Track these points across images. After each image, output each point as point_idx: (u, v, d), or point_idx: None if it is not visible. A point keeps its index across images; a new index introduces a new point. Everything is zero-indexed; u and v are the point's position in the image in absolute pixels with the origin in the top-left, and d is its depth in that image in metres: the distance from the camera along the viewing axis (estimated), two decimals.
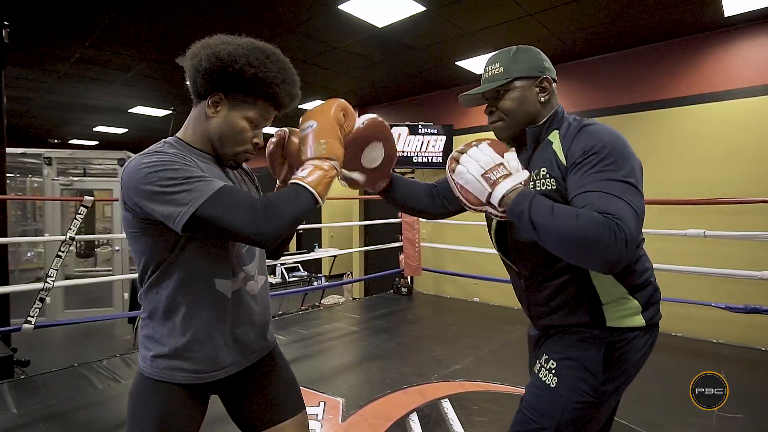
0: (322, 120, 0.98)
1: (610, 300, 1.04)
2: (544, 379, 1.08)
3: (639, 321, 1.04)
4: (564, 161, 1.02)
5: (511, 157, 1.01)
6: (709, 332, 3.77)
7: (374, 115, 1.15)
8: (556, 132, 1.09)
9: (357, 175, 1.20)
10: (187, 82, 1.00)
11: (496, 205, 0.97)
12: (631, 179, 0.93)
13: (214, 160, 1.02)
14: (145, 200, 0.85)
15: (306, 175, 0.92)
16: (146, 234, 0.92)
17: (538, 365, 1.12)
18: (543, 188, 1.04)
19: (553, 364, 1.07)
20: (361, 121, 1.12)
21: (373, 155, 1.20)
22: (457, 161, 1.03)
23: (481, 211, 1.05)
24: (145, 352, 0.99)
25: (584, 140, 1.00)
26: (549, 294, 1.11)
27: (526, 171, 1.00)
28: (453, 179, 1.05)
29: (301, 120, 1.01)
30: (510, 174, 0.97)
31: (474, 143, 1.05)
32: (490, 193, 0.97)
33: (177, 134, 1.02)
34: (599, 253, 0.85)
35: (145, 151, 0.91)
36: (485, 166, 0.98)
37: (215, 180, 0.88)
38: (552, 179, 1.03)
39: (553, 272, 1.09)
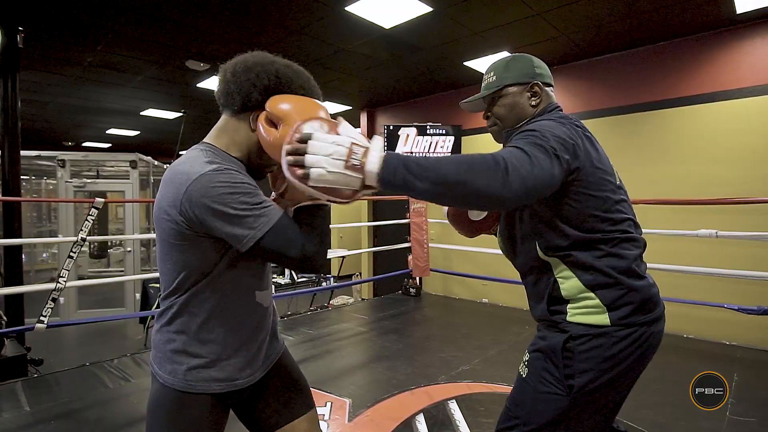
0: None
1: (570, 295, 1.07)
2: (520, 371, 1.15)
3: (602, 320, 1.03)
4: None
5: (351, 130, 0.88)
6: (722, 334, 3.71)
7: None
8: None
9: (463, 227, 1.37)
10: (218, 92, 1.01)
11: (375, 184, 0.86)
12: (544, 144, 0.96)
13: (246, 169, 1.03)
14: (213, 218, 0.87)
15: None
16: (197, 247, 0.92)
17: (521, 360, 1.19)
18: None
19: (527, 356, 1.15)
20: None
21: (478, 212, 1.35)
22: (302, 166, 0.84)
23: (357, 199, 0.94)
24: (174, 366, 0.97)
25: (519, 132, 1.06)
26: (529, 288, 1.19)
27: (377, 137, 0.89)
28: (312, 186, 0.85)
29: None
30: (368, 148, 0.85)
31: (295, 132, 0.87)
32: (363, 178, 0.85)
33: (208, 140, 1.02)
34: (477, 181, 0.84)
35: (211, 167, 0.88)
36: (341, 156, 0.84)
37: (275, 205, 0.92)
38: None
39: (528, 268, 1.16)
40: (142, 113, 6.90)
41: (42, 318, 2.96)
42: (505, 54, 4.45)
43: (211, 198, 0.86)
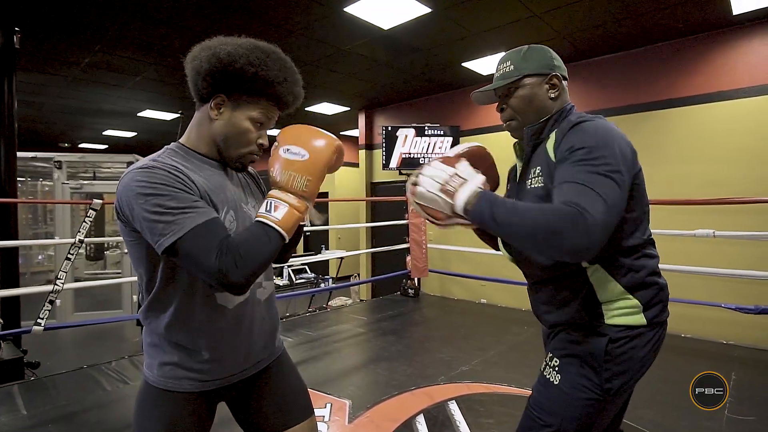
0: (316, 156, 0.91)
1: (607, 298, 1.04)
2: (548, 376, 1.09)
3: (640, 320, 1.03)
4: (553, 158, 1.04)
5: (463, 166, 1.04)
6: (720, 333, 3.73)
7: (477, 144, 1.16)
8: (556, 131, 1.10)
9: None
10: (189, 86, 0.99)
11: (462, 214, 0.98)
12: (611, 173, 0.92)
13: (218, 165, 1.00)
14: (133, 218, 0.85)
15: (281, 217, 0.88)
16: (140, 243, 0.90)
17: (543, 363, 1.13)
18: (533, 185, 1.08)
19: (556, 361, 1.08)
20: (464, 147, 1.12)
21: None
22: (415, 184, 1.04)
23: (450, 224, 1.07)
24: (150, 360, 0.98)
25: (573, 137, 1.01)
26: (551, 292, 1.12)
27: (480, 175, 1.03)
28: (416, 202, 1.06)
29: (289, 137, 0.94)
30: (466, 181, 1.00)
31: (425, 163, 1.08)
32: (453, 204, 0.99)
33: (180, 139, 1.00)
34: (561, 241, 0.85)
35: (142, 163, 0.88)
36: (440, 180, 1.00)
37: (200, 212, 0.85)
38: (542, 177, 1.06)
39: (551, 271, 1.10)
40: (139, 114, 6.88)
41: (39, 320, 2.94)
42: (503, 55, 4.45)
43: (129, 197, 0.84)
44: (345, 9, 3.44)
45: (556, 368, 1.07)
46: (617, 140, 0.98)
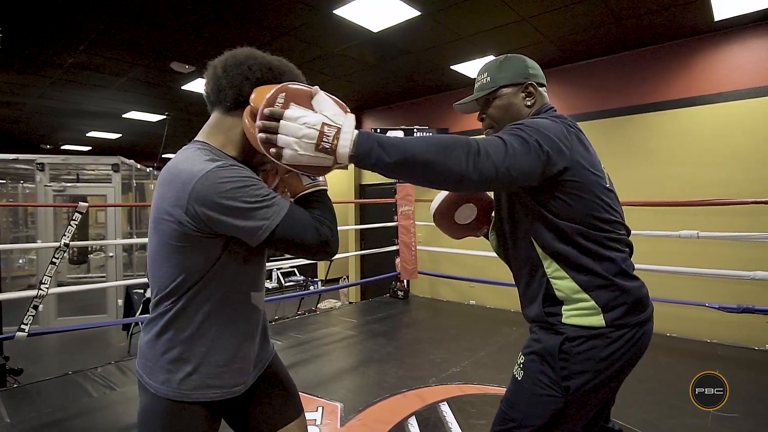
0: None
1: (565, 297, 1.07)
2: (515, 373, 1.14)
3: (596, 321, 1.04)
4: None
5: (321, 100, 0.88)
6: (703, 332, 3.80)
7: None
8: None
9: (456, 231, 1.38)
10: (208, 89, 0.98)
11: (347, 163, 0.88)
12: (528, 138, 0.97)
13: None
14: (224, 215, 0.85)
15: (323, 180, 0.99)
16: (199, 248, 0.90)
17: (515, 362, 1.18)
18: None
19: (522, 358, 1.14)
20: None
21: (466, 214, 1.35)
22: (274, 144, 0.85)
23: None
24: (169, 375, 0.94)
25: None
26: (522, 289, 1.19)
27: (350, 114, 0.89)
28: (284, 165, 0.88)
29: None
30: (339, 128, 0.85)
31: (266, 107, 0.85)
32: (334, 159, 0.87)
33: (201, 139, 0.99)
34: (449, 165, 0.88)
35: (214, 163, 0.87)
36: (312, 139, 0.84)
37: (282, 196, 0.92)
38: None
39: (522, 267, 1.16)
40: (124, 116, 6.78)
41: (23, 326, 2.88)
42: (492, 58, 4.50)
43: (220, 194, 0.85)
44: (334, 11, 3.44)
45: (521, 365, 1.13)
46: (553, 128, 1.03)
